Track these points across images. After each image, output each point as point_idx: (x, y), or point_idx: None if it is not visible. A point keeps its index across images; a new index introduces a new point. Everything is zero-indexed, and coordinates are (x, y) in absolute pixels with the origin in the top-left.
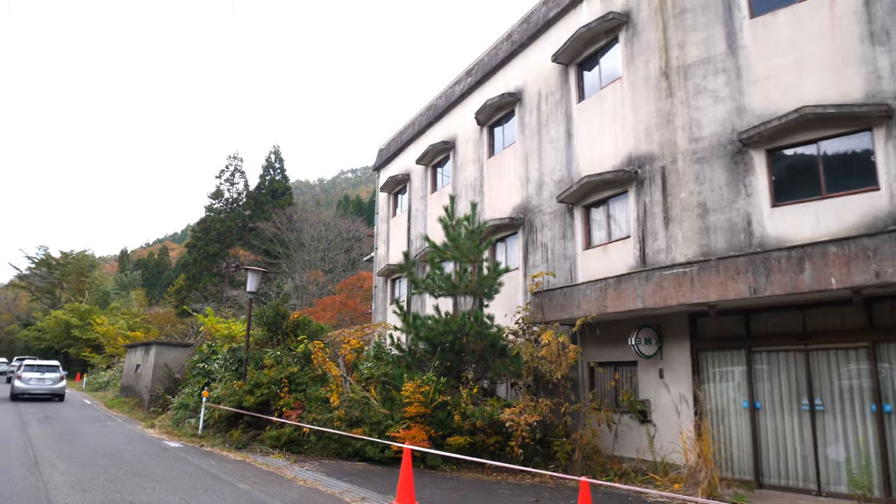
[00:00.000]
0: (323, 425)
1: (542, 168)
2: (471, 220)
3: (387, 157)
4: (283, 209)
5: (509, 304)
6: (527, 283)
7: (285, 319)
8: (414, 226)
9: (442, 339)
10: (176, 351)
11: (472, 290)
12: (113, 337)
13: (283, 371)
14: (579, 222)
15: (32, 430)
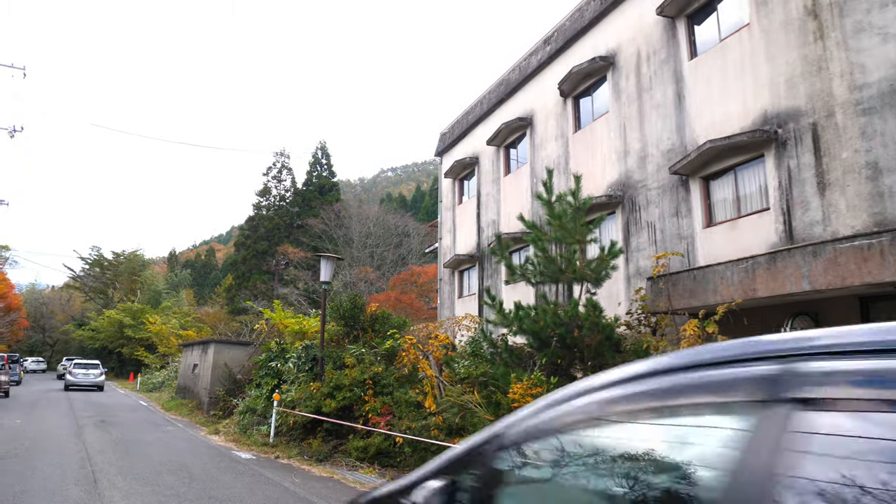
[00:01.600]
0: (418, 434)
1: (646, 138)
2: (576, 195)
3: (451, 141)
4: (330, 205)
5: (607, 293)
6: (629, 269)
7: (363, 312)
8: (484, 212)
9: (549, 333)
10: (235, 349)
11: (579, 276)
12: (166, 336)
13: (367, 371)
14: (697, 196)
15: (89, 437)
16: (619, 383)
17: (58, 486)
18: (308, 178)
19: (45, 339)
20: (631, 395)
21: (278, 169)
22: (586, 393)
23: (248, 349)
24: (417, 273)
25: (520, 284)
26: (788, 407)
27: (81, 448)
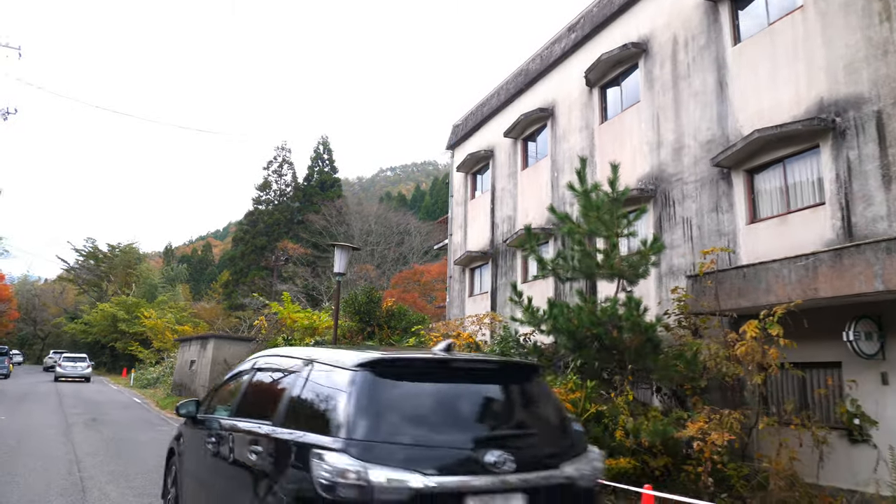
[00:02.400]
0: None
1: (681, 128)
2: (613, 184)
3: (464, 134)
4: (332, 201)
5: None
6: (661, 267)
7: (378, 307)
8: (500, 207)
9: (584, 333)
10: (236, 345)
11: (617, 271)
12: (161, 331)
13: None
14: (740, 190)
15: (78, 437)
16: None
17: (40, 496)
18: (309, 174)
19: (36, 332)
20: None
21: (279, 163)
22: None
23: (249, 345)
24: (420, 272)
25: (536, 283)
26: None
27: (70, 450)
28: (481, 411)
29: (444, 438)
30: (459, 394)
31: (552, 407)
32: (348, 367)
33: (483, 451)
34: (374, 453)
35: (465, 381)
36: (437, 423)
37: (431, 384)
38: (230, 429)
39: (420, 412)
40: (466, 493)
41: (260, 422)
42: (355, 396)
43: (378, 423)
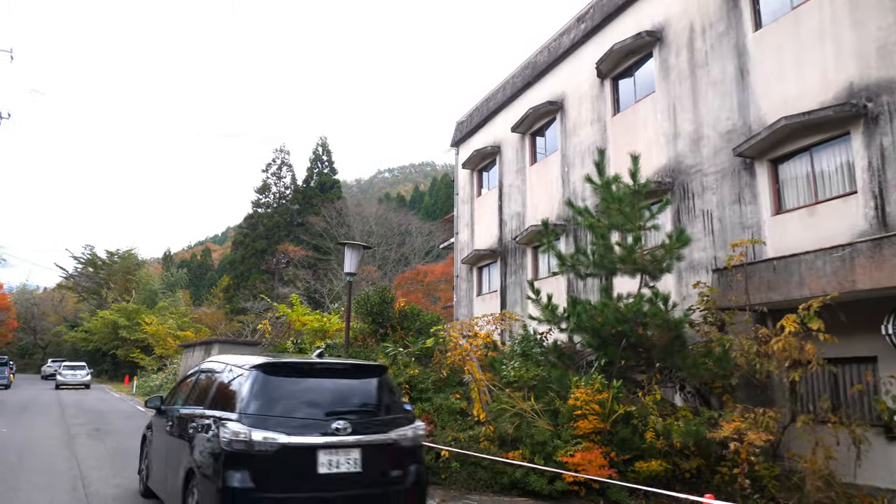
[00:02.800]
0: (466, 446)
1: (700, 118)
2: (634, 176)
3: (469, 130)
4: (332, 203)
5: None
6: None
7: (391, 308)
8: (507, 204)
9: (609, 331)
10: (241, 350)
11: (640, 266)
12: (162, 337)
13: (402, 374)
14: (765, 181)
15: (81, 449)
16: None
17: None
18: (308, 175)
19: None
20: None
21: (278, 165)
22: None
23: (253, 350)
24: (423, 272)
25: (548, 281)
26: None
27: (74, 464)
28: (334, 395)
29: (306, 412)
30: (320, 384)
31: (389, 393)
32: (246, 368)
33: (331, 420)
34: (257, 421)
35: (325, 377)
36: (302, 403)
37: (301, 378)
38: (179, 414)
39: (291, 396)
40: (317, 448)
41: (196, 407)
42: (248, 386)
43: (261, 403)
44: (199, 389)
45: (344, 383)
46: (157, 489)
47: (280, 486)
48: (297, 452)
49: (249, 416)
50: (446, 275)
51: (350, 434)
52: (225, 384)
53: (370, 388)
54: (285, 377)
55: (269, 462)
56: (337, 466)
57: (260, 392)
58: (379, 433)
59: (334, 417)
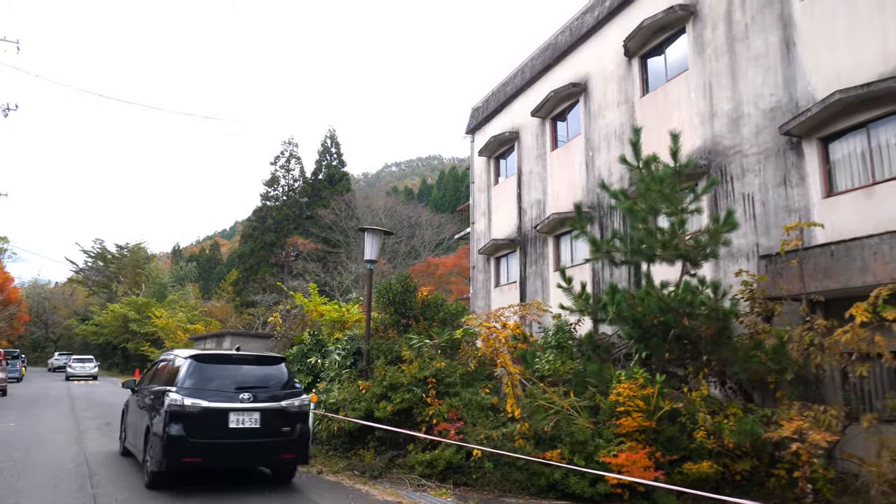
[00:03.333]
0: (499, 445)
1: (739, 96)
2: (675, 155)
3: (485, 116)
4: (341, 195)
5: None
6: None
7: (413, 296)
8: (527, 192)
9: (650, 321)
10: (254, 343)
11: (682, 253)
12: (172, 330)
13: (427, 367)
14: (814, 161)
15: (91, 445)
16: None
17: None
18: (317, 168)
19: (47, 335)
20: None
21: (286, 158)
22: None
23: (267, 342)
24: (434, 264)
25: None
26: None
27: (82, 461)
28: (243, 377)
29: (222, 387)
30: (235, 369)
31: (284, 374)
32: (184, 357)
33: (239, 393)
34: (189, 392)
35: (239, 364)
36: (221, 381)
37: (221, 365)
38: (145, 391)
39: (213, 377)
40: (228, 411)
41: (154, 385)
42: (184, 370)
43: (193, 381)
44: (158, 373)
45: (251, 368)
46: (130, 448)
47: (202, 435)
48: (214, 413)
49: (184, 388)
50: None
51: (252, 402)
52: (173, 368)
53: (270, 372)
54: (210, 364)
55: (195, 419)
56: (242, 423)
57: (192, 374)
58: (273, 402)
59: (242, 391)
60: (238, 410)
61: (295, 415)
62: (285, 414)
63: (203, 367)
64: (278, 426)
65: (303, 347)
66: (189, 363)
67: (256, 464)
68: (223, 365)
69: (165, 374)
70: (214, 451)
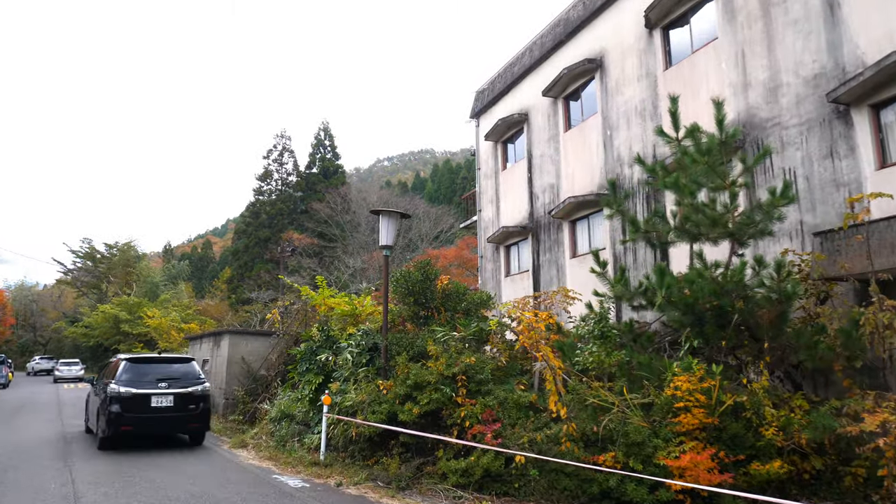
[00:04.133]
0: (543, 449)
1: (776, 64)
2: (721, 124)
3: (491, 99)
4: (336, 189)
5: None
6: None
7: (434, 285)
8: (539, 176)
9: (702, 306)
10: (254, 341)
11: (731, 231)
12: (166, 330)
13: (456, 362)
14: (865, 130)
15: (78, 460)
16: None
17: None
18: (311, 161)
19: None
20: None
21: (279, 151)
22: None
23: (269, 340)
24: (434, 256)
25: (587, 257)
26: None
27: (67, 478)
28: (163, 371)
29: (147, 379)
30: (157, 366)
31: (193, 369)
32: (123, 359)
33: (159, 383)
34: (124, 383)
35: (160, 363)
36: (146, 375)
37: (148, 364)
38: (99, 384)
39: (141, 372)
40: (150, 395)
41: (104, 379)
42: (121, 368)
43: (127, 375)
44: (107, 371)
45: (169, 366)
46: (90, 426)
47: (133, 411)
48: (140, 396)
49: (121, 381)
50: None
51: (168, 388)
52: (115, 367)
53: (183, 368)
54: (140, 364)
55: (127, 401)
56: (161, 403)
57: (127, 370)
58: (183, 388)
59: (161, 381)
60: (157, 394)
61: (199, 397)
62: (192, 396)
63: (135, 366)
64: (186, 404)
65: (311, 344)
66: (125, 363)
67: (172, 431)
68: (149, 364)
69: (110, 372)
70: (142, 422)
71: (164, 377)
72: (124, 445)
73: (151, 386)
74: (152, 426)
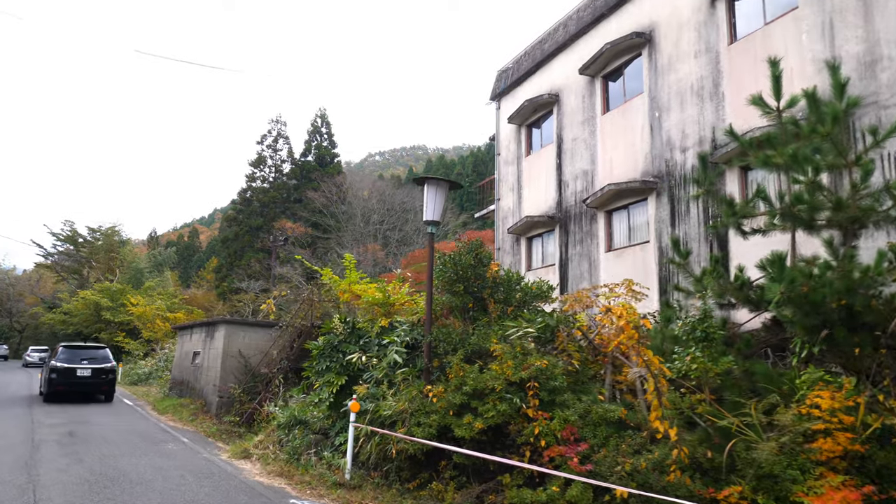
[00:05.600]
0: (647, 479)
1: (875, 35)
2: (842, 91)
3: (516, 79)
4: (331, 178)
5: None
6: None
7: (486, 270)
8: (570, 162)
9: (830, 305)
10: (254, 333)
11: (855, 216)
12: (150, 319)
13: (522, 365)
14: None
15: (45, 471)
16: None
17: None
18: (306, 149)
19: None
20: None
21: (273, 137)
22: None
23: (269, 333)
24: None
25: (627, 253)
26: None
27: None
28: (87, 354)
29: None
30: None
31: (105, 352)
32: (62, 345)
33: (83, 361)
34: (60, 360)
35: (85, 349)
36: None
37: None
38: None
39: (72, 354)
40: (76, 368)
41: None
42: (59, 351)
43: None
44: (52, 353)
45: (91, 350)
46: (42, 389)
47: (64, 377)
48: (69, 369)
49: (58, 359)
50: None
51: (88, 364)
52: (56, 350)
53: (99, 352)
54: (71, 349)
55: (61, 371)
56: (83, 374)
57: (63, 352)
58: (98, 365)
59: (84, 360)
60: (81, 368)
61: (109, 370)
62: (103, 370)
63: (68, 350)
64: (100, 375)
65: (332, 338)
66: (62, 348)
67: (90, 392)
68: (78, 349)
69: (53, 353)
70: (70, 385)
71: (87, 357)
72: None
73: (78, 362)
74: (77, 388)
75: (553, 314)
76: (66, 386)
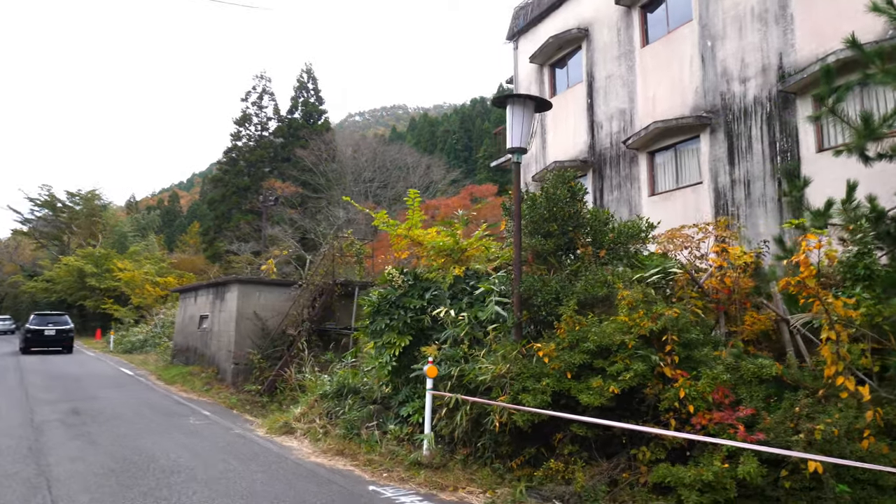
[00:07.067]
0: (838, 445)
1: None
2: None
3: (537, 14)
4: (320, 134)
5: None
6: None
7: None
8: (603, 101)
9: None
10: (270, 293)
11: None
12: (139, 285)
13: (651, 314)
14: None
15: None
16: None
17: None
18: (293, 105)
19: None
20: None
21: (258, 94)
22: None
23: (287, 292)
24: (433, 207)
25: (674, 196)
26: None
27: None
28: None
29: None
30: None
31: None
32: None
33: (48, 324)
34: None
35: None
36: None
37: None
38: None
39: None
40: (44, 329)
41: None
42: (32, 318)
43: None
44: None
45: (54, 316)
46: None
47: (36, 337)
48: (40, 330)
49: (31, 323)
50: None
51: (54, 326)
52: (30, 318)
53: (61, 318)
54: (41, 316)
55: (33, 332)
56: (50, 334)
57: (34, 318)
58: (61, 326)
59: (50, 323)
60: (48, 328)
61: (68, 331)
62: (64, 330)
63: (38, 316)
64: (61, 334)
65: (390, 293)
66: (33, 315)
67: (56, 346)
68: (45, 316)
69: (27, 320)
70: (41, 342)
71: (52, 321)
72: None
73: (45, 325)
74: (46, 344)
75: (667, 256)
76: (37, 343)
